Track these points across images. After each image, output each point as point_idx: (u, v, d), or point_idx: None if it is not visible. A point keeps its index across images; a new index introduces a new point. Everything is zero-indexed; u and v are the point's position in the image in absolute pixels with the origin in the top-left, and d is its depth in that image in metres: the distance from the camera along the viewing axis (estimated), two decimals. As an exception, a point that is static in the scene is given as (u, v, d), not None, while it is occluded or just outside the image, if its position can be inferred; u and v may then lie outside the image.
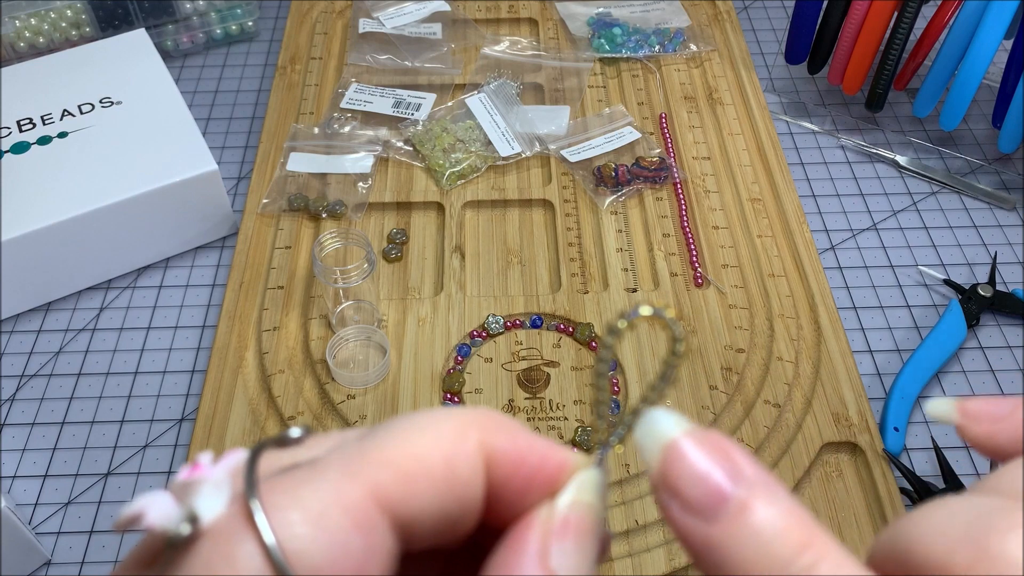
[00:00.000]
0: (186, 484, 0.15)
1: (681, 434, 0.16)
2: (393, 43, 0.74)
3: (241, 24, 0.78)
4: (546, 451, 0.17)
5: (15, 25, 0.72)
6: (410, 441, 0.15)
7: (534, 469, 0.16)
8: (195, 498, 0.14)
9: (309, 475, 0.15)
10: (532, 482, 0.16)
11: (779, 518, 0.15)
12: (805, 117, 0.73)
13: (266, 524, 0.14)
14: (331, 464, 0.15)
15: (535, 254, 0.60)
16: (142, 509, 0.14)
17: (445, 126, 0.66)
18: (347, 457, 0.15)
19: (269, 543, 0.14)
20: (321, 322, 0.56)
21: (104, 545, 0.49)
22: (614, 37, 0.74)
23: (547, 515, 0.16)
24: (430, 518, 0.15)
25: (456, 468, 0.15)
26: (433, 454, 0.15)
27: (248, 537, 0.14)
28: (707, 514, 0.15)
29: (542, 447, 0.17)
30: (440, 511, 0.15)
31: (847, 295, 0.60)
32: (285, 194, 0.62)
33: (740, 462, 0.15)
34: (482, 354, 0.54)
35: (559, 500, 0.16)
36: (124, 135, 0.60)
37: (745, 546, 0.14)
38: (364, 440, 0.16)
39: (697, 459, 0.15)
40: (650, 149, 0.66)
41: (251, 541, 0.14)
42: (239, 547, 0.14)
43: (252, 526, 0.14)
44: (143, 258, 0.61)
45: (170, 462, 0.52)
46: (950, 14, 0.63)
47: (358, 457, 0.15)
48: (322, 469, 0.15)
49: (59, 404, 0.54)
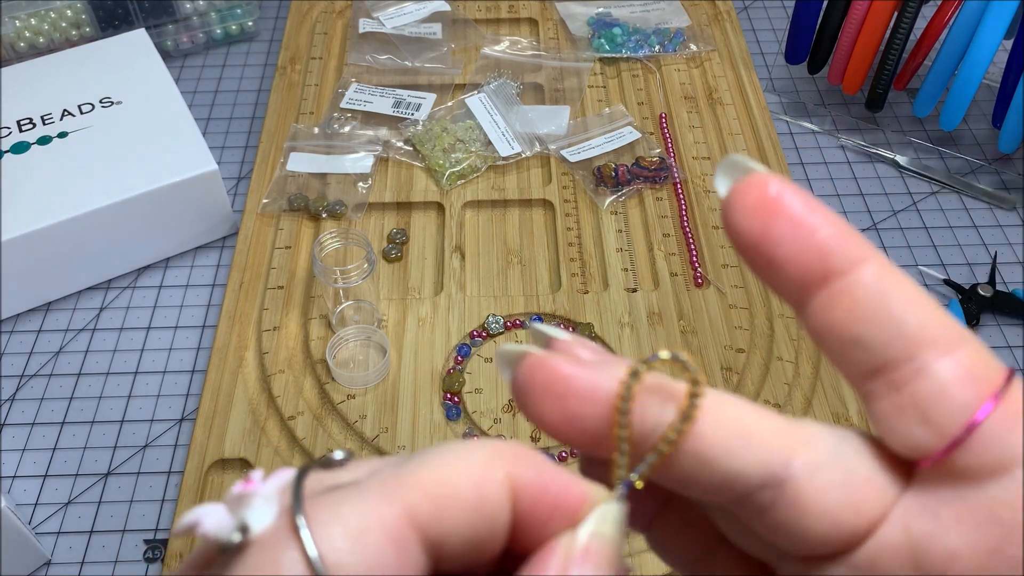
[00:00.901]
0: (239, 497, 0.16)
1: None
2: (393, 43, 0.74)
3: (241, 24, 0.78)
4: (569, 484, 0.18)
5: (15, 25, 0.72)
6: (443, 468, 0.17)
7: (557, 499, 0.17)
8: (246, 510, 0.16)
9: (350, 495, 0.16)
10: (555, 512, 0.17)
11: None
12: (805, 117, 0.73)
13: (310, 537, 0.15)
14: (370, 486, 0.16)
15: (535, 254, 0.60)
16: (199, 518, 0.16)
17: (445, 126, 0.66)
18: (385, 480, 0.16)
19: (312, 554, 0.15)
20: (321, 322, 0.56)
21: (104, 545, 0.49)
22: (614, 37, 0.74)
23: (568, 543, 0.17)
24: (459, 540, 0.16)
25: (484, 494, 0.16)
26: (464, 481, 0.16)
27: (293, 547, 0.15)
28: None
29: (565, 480, 0.18)
30: (468, 534, 0.16)
31: (847, 295, 0.60)
32: (285, 194, 0.62)
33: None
34: (482, 354, 0.54)
35: (580, 530, 0.17)
36: (124, 135, 0.60)
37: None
38: (401, 465, 0.17)
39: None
40: (650, 149, 0.66)
41: (296, 551, 0.15)
42: (285, 556, 0.15)
43: (297, 538, 0.15)
44: (143, 258, 0.61)
45: (170, 462, 0.52)
46: (950, 14, 0.63)
47: (395, 480, 0.16)
48: (362, 490, 0.16)
49: (59, 404, 0.54)
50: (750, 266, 0.17)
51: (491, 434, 0.51)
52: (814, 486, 0.16)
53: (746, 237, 0.16)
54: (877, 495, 0.16)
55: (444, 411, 0.51)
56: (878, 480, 0.16)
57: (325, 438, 0.50)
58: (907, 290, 0.16)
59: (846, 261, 0.16)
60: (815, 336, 0.17)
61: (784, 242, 0.16)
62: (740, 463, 0.16)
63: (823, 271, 0.16)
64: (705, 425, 0.16)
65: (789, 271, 0.16)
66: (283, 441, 0.50)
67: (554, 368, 0.17)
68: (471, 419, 0.51)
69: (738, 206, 0.16)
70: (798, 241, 0.16)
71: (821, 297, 0.16)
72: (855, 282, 0.16)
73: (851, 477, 0.16)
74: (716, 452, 0.16)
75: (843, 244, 0.16)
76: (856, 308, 0.16)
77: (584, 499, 0.18)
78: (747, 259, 0.17)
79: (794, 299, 0.17)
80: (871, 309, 0.16)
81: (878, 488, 0.16)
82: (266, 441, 0.50)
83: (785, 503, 0.16)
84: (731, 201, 0.17)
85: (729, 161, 0.17)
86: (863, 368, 0.16)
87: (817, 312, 0.16)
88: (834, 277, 0.16)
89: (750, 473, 0.16)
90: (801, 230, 0.16)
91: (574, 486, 0.18)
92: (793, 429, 0.17)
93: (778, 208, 0.16)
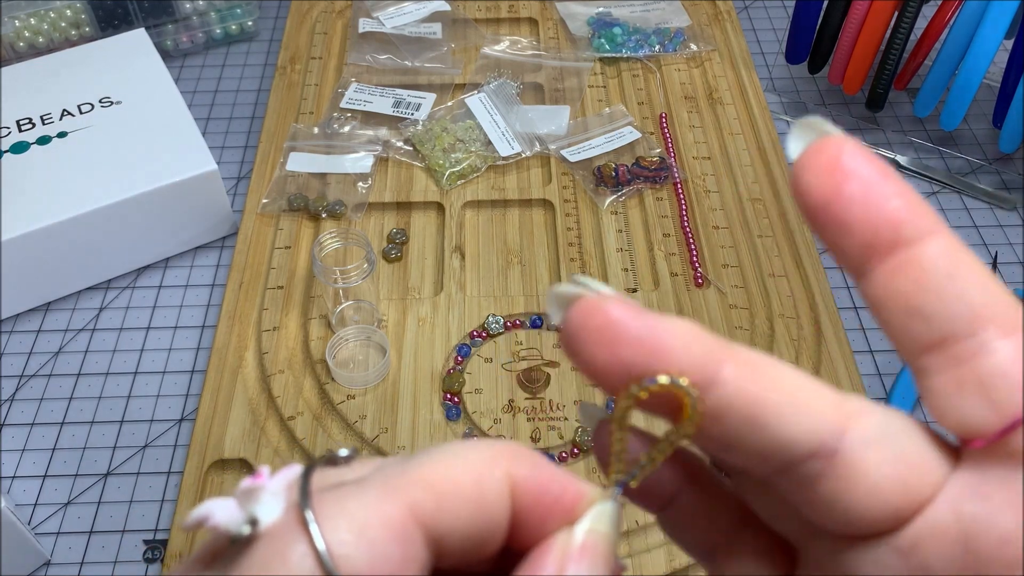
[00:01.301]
0: (248, 491, 0.16)
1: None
2: (393, 43, 0.73)
3: (241, 24, 0.78)
4: (566, 483, 0.18)
5: (15, 25, 0.72)
6: (445, 465, 0.17)
7: (554, 498, 0.18)
8: (255, 504, 0.16)
9: (355, 491, 0.16)
10: (552, 510, 0.18)
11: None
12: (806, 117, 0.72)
13: (317, 530, 0.15)
14: (374, 482, 0.17)
15: (535, 254, 0.60)
16: (210, 511, 0.16)
17: (445, 126, 0.66)
18: (388, 476, 0.17)
19: (319, 547, 0.15)
20: (321, 322, 0.56)
21: (104, 545, 0.48)
22: (614, 37, 0.74)
23: (565, 540, 0.18)
24: (460, 536, 0.17)
25: (485, 491, 0.17)
26: (465, 478, 0.17)
27: (301, 540, 0.15)
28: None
29: (563, 479, 0.18)
30: (469, 530, 0.17)
31: (848, 295, 0.60)
32: (285, 194, 0.62)
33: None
34: (482, 354, 0.54)
35: (577, 528, 0.18)
36: (124, 135, 0.60)
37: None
38: (404, 463, 0.17)
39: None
40: (650, 149, 0.66)
41: (303, 544, 0.15)
42: (293, 549, 0.15)
43: (305, 531, 0.16)
44: (143, 258, 0.61)
45: (169, 462, 0.52)
46: (950, 14, 0.62)
47: (398, 477, 0.17)
48: (367, 486, 0.17)
49: (59, 404, 0.54)
50: (816, 229, 0.17)
51: (491, 434, 0.51)
52: (865, 460, 0.16)
53: (817, 198, 0.16)
54: (927, 474, 0.16)
55: (444, 411, 0.51)
56: (928, 459, 0.16)
57: (325, 438, 0.50)
58: (974, 267, 0.16)
59: (916, 231, 0.16)
60: (875, 304, 0.16)
61: (855, 206, 0.16)
62: (793, 429, 0.16)
63: (892, 239, 0.16)
64: (760, 388, 0.16)
65: (857, 236, 0.16)
66: (283, 441, 0.50)
67: (609, 313, 0.16)
68: (471, 419, 0.51)
69: (812, 166, 0.16)
70: (870, 206, 0.16)
71: (887, 265, 0.16)
72: (923, 253, 0.16)
73: (902, 454, 0.16)
74: (769, 416, 0.16)
75: (915, 214, 0.16)
76: (922, 279, 0.16)
77: (581, 498, 0.18)
78: (814, 222, 0.17)
79: (857, 265, 0.17)
80: (937, 281, 0.16)
81: (928, 467, 0.16)
82: (266, 441, 0.50)
83: (834, 476, 0.16)
84: (805, 161, 0.16)
85: (805, 122, 0.17)
86: (922, 341, 0.16)
87: (881, 280, 0.16)
88: (903, 246, 0.16)
89: (801, 441, 0.16)
90: (874, 195, 0.16)
91: (571, 485, 0.18)
92: (846, 402, 0.16)
93: (853, 171, 0.16)
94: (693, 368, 0.16)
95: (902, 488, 0.16)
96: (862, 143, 0.16)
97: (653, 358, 0.16)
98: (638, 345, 0.16)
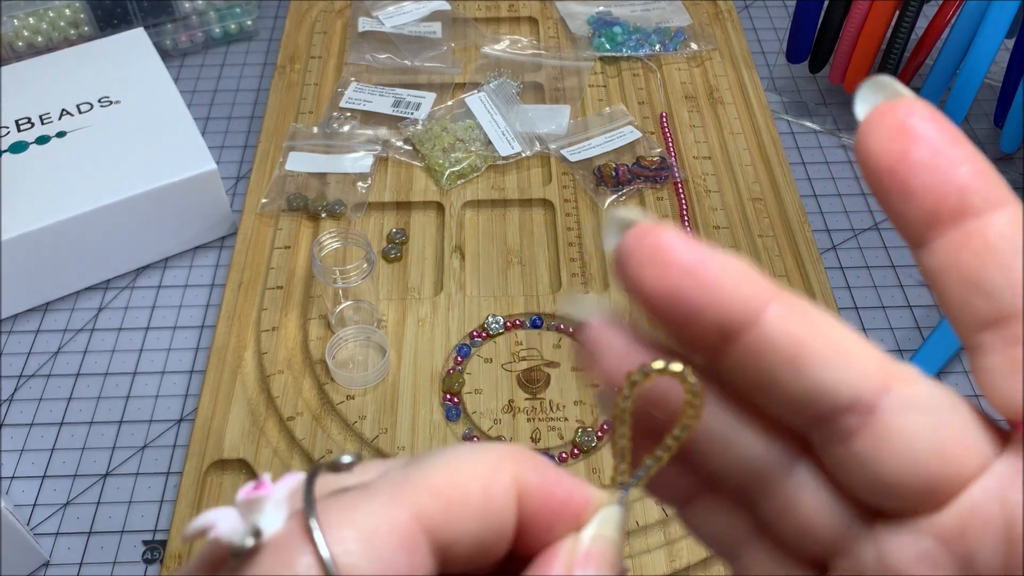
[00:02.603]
0: (250, 501, 0.16)
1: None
2: (393, 42, 0.73)
3: (240, 23, 0.78)
4: (571, 487, 0.18)
5: (14, 24, 0.72)
6: (451, 470, 0.17)
7: (561, 503, 0.18)
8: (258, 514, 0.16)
9: (360, 498, 0.16)
10: (559, 515, 0.18)
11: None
12: (806, 116, 0.72)
13: (323, 540, 0.15)
14: (379, 489, 0.16)
15: (535, 254, 0.60)
16: (212, 522, 0.16)
17: (445, 125, 0.66)
18: (393, 483, 0.16)
19: (325, 556, 0.15)
20: (320, 322, 0.56)
21: (103, 546, 0.48)
22: (614, 36, 0.74)
23: (572, 545, 0.17)
24: (466, 542, 0.17)
25: (491, 497, 0.17)
26: (471, 483, 0.17)
27: (306, 550, 0.15)
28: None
29: (568, 483, 0.18)
30: (476, 536, 0.17)
31: (849, 295, 0.60)
32: (284, 194, 0.62)
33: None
34: (482, 354, 0.54)
35: (583, 533, 0.18)
36: (123, 135, 0.60)
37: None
38: (409, 468, 0.17)
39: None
40: (651, 149, 0.66)
41: (309, 554, 0.15)
42: (298, 559, 0.15)
43: (310, 540, 0.15)
44: (142, 258, 0.61)
45: (168, 463, 0.52)
46: (951, 13, 0.62)
47: (404, 483, 0.16)
48: (372, 493, 0.16)
49: (58, 404, 0.54)
50: (878, 195, 0.16)
51: (491, 435, 0.51)
52: (904, 423, 0.15)
53: (881, 161, 0.15)
54: (968, 450, 0.15)
55: (444, 412, 0.51)
56: (972, 435, 0.15)
57: (324, 439, 0.50)
58: None
59: (985, 202, 0.15)
60: (933, 276, 0.16)
61: (922, 171, 0.15)
62: (832, 376, 0.15)
63: (958, 208, 0.15)
64: (805, 331, 0.16)
65: (921, 202, 0.15)
66: (282, 442, 0.50)
67: (664, 238, 0.16)
68: (471, 420, 0.51)
69: (878, 128, 0.16)
70: (938, 172, 0.15)
71: (950, 235, 0.15)
72: (990, 225, 0.15)
73: (943, 424, 0.15)
74: (810, 359, 0.15)
75: (984, 183, 0.15)
76: (987, 252, 0.15)
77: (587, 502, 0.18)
78: (877, 187, 0.16)
79: (918, 233, 0.16)
80: (1003, 255, 0.15)
81: (970, 443, 0.15)
82: (265, 442, 0.50)
83: (869, 434, 0.15)
84: (871, 122, 0.16)
85: (875, 81, 0.16)
86: (980, 317, 0.15)
87: (942, 251, 0.15)
88: (969, 216, 0.15)
89: (842, 390, 0.15)
90: (943, 161, 0.15)
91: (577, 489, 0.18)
92: (893, 364, 0.16)
93: (922, 135, 0.15)
94: (739, 304, 0.16)
95: (939, 458, 0.15)
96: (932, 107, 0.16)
97: (702, 288, 0.16)
98: (688, 273, 0.16)
